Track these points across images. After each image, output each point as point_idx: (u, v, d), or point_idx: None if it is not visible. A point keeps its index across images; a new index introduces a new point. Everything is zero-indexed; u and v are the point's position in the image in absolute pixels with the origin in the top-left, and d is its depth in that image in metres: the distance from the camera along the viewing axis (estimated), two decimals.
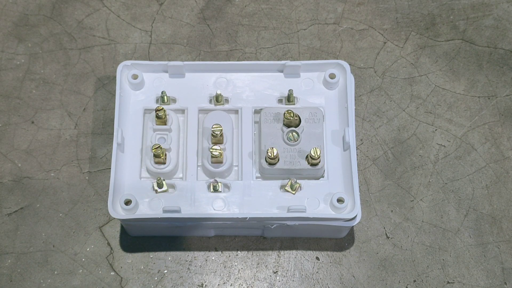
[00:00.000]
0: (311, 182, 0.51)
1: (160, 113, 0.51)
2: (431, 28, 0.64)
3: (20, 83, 0.61)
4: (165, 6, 0.65)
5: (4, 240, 0.55)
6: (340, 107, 0.53)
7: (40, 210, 0.56)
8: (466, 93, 0.61)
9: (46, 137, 0.59)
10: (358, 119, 0.60)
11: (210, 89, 0.54)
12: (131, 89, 0.54)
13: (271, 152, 0.50)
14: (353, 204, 0.50)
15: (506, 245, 0.55)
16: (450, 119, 0.60)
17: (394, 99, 0.61)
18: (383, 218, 0.56)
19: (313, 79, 0.55)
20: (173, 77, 0.55)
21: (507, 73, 0.62)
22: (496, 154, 0.59)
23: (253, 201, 0.51)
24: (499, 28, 0.64)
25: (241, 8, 0.65)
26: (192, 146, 0.53)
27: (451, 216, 0.56)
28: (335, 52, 0.63)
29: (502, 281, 0.54)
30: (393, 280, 0.54)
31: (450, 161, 0.58)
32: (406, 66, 0.62)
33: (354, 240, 0.56)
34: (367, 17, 0.64)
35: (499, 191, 0.57)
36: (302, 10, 0.65)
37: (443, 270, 0.55)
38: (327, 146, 0.52)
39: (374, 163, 0.58)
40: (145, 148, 0.52)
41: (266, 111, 0.52)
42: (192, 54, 0.63)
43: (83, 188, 0.57)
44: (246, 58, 0.62)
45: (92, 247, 0.55)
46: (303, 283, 0.54)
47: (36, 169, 0.58)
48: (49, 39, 0.62)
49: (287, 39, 0.63)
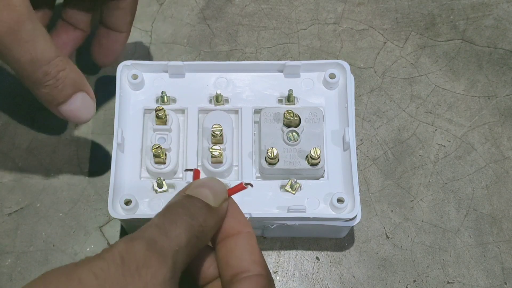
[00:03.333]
0: (311, 182, 0.51)
1: (160, 113, 0.51)
2: (431, 28, 0.64)
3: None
4: (165, 6, 0.65)
5: (4, 240, 0.55)
6: (340, 107, 0.53)
7: (40, 209, 0.56)
8: (466, 93, 0.61)
9: (46, 137, 0.59)
10: (358, 119, 0.60)
11: (210, 89, 0.54)
12: (131, 89, 0.54)
13: (271, 152, 0.50)
14: (353, 204, 0.50)
15: (506, 245, 0.55)
16: (450, 119, 0.60)
17: (394, 99, 0.61)
18: (383, 218, 0.56)
19: (313, 79, 0.55)
20: (173, 77, 0.55)
21: (507, 73, 0.62)
22: (496, 154, 0.59)
23: (253, 201, 0.51)
24: (499, 28, 0.64)
25: (241, 8, 0.65)
26: (192, 146, 0.53)
27: (451, 216, 0.56)
28: (335, 52, 0.63)
29: (502, 281, 0.54)
30: (393, 280, 0.54)
31: (450, 161, 0.58)
32: (406, 66, 0.62)
33: (354, 240, 0.56)
34: (367, 17, 0.64)
35: (499, 191, 0.57)
36: (302, 10, 0.65)
37: (443, 270, 0.55)
38: (327, 146, 0.52)
39: (374, 163, 0.58)
40: (145, 148, 0.52)
41: (266, 111, 0.52)
42: (192, 54, 0.63)
43: (83, 188, 0.57)
44: (246, 58, 0.62)
45: (92, 246, 0.55)
46: (303, 283, 0.54)
47: (37, 168, 0.58)
48: None
49: (287, 39, 0.63)
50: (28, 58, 0.43)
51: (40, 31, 0.43)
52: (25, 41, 0.42)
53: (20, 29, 0.41)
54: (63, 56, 0.45)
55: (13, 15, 0.41)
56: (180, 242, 0.35)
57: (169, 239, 0.35)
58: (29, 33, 0.42)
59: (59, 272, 0.33)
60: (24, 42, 0.42)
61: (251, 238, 0.39)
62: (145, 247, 0.34)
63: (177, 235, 0.36)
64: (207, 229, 0.37)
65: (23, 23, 0.42)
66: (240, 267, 0.38)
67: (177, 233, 0.36)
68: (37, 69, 0.43)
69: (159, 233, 0.35)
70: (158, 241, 0.35)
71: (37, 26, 0.43)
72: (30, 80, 0.44)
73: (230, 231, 0.39)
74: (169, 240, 0.35)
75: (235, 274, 0.38)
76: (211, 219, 0.38)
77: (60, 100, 0.46)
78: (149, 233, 0.35)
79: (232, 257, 0.38)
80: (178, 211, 0.37)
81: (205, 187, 0.38)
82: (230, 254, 0.38)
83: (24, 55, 0.42)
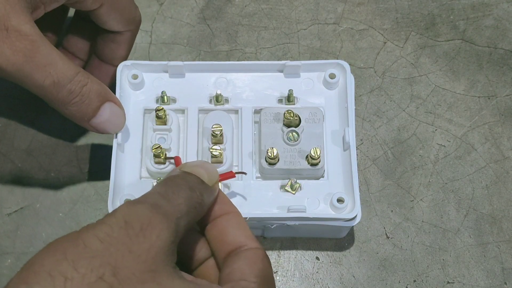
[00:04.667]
0: (311, 182, 0.51)
1: (160, 113, 0.51)
2: (431, 28, 0.64)
3: None
4: (165, 6, 0.65)
5: (4, 240, 0.55)
6: (340, 107, 0.53)
7: (40, 210, 0.56)
8: (466, 93, 0.61)
9: (46, 137, 0.59)
10: (358, 119, 0.60)
11: (210, 89, 0.54)
12: (131, 89, 0.54)
13: (271, 152, 0.50)
14: (353, 204, 0.50)
15: (506, 245, 0.55)
16: (450, 119, 0.60)
17: (394, 99, 0.61)
18: (383, 218, 0.56)
19: (313, 79, 0.55)
20: (173, 77, 0.55)
21: (507, 73, 0.62)
22: (496, 154, 0.59)
23: (253, 201, 0.51)
24: (499, 28, 0.64)
25: (241, 8, 0.65)
26: (192, 146, 0.53)
27: (451, 216, 0.56)
28: (335, 52, 0.63)
29: (502, 281, 0.54)
30: (393, 280, 0.54)
31: (450, 161, 0.58)
32: (406, 66, 0.62)
33: (354, 240, 0.56)
34: (367, 17, 0.64)
35: (499, 191, 0.57)
36: (302, 10, 0.65)
37: (443, 270, 0.55)
38: (327, 146, 0.52)
39: (374, 163, 0.58)
40: (145, 148, 0.52)
41: (266, 111, 0.52)
42: (192, 54, 0.63)
43: (83, 188, 0.57)
44: (246, 58, 0.62)
45: None
46: (303, 283, 0.54)
47: (36, 169, 0.58)
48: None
49: (287, 39, 0.63)
50: (50, 81, 0.43)
51: (56, 53, 0.44)
52: (43, 65, 0.43)
53: (36, 55, 0.42)
54: (82, 71, 0.45)
55: (26, 44, 0.42)
56: (182, 210, 0.37)
57: (172, 206, 0.36)
58: (45, 57, 0.43)
59: (64, 240, 0.33)
60: (43, 67, 0.43)
61: (240, 216, 0.41)
62: (148, 209, 0.35)
63: (179, 203, 0.37)
64: (203, 203, 0.39)
65: (38, 49, 0.42)
66: (237, 243, 0.39)
67: (179, 201, 0.37)
68: (61, 89, 0.44)
69: (162, 199, 0.36)
70: (162, 206, 0.36)
71: (51, 48, 0.43)
72: (56, 101, 0.45)
73: (219, 212, 0.41)
74: (172, 206, 0.36)
75: (232, 250, 0.39)
76: (207, 195, 0.39)
77: (90, 114, 0.46)
78: (152, 198, 0.36)
79: (227, 234, 0.40)
80: (179, 182, 0.38)
81: (200, 167, 0.40)
82: (223, 231, 0.40)
83: (46, 79, 0.43)
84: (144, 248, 0.33)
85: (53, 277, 0.31)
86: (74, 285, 0.31)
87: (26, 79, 0.43)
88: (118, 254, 0.33)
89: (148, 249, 0.34)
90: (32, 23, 0.43)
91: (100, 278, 0.31)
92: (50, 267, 0.31)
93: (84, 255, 0.32)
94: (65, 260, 0.32)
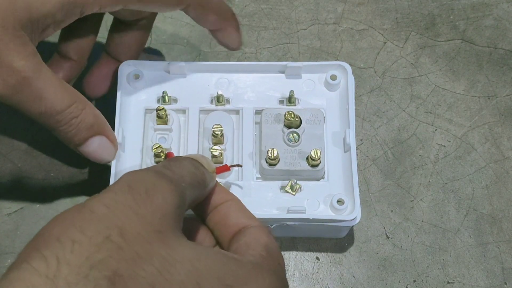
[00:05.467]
0: (311, 183, 0.51)
1: (161, 113, 0.51)
2: (431, 28, 0.64)
3: None
4: None
5: (4, 240, 0.55)
6: (341, 109, 0.53)
7: (40, 210, 0.56)
8: (466, 93, 0.61)
9: (46, 138, 0.59)
10: (358, 119, 0.60)
11: (211, 90, 0.54)
12: (132, 88, 0.54)
13: (272, 153, 0.50)
14: (353, 205, 0.50)
15: (506, 245, 0.55)
16: (450, 119, 0.60)
17: (394, 99, 0.61)
18: (383, 218, 0.56)
19: (314, 81, 0.55)
20: (175, 77, 0.55)
21: (507, 73, 0.62)
22: (496, 154, 0.59)
23: (253, 201, 0.51)
24: (499, 28, 0.64)
25: (241, 8, 0.65)
26: (193, 146, 0.53)
27: (451, 216, 0.56)
28: (335, 52, 0.63)
29: (502, 281, 0.54)
30: (393, 280, 0.54)
31: (450, 161, 0.58)
32: (406, 66, 0.62)
33: (354, 240, 0.56)
34: (367, 17, 0.64)
35: (499, 191, 0.57)
36: (302, 10, 0.65)
37: (443, 270, 0.55)
38: (327, 147, 0.52)
39: (374, 163, 0.58)
40: (146, 148, 0.52)
41: (267, 112, 0.52)
42: (192, 54, 0.63)
43: (83, 188, 0.57)
44: (246, 58, 0.62)
45: None
46: (303, 283, 0.54)
47: (36, 169, 0.58)
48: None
49: (287, 39, 0.63)
50: (37, 112, 0.43)
51: (50, 85, 0.43)
52: (32, 99, 0.43)
53: (25, 89, 0.42)
54: (80, 101, 0.45)
55: (17, 79, 0.42)
56: (186, 181, 0.37)
57: (176, 174, 0.37)
58: (36, 90, 0.42)
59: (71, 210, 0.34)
60: (32, 100, 0.43)
61: (240, 202, 0.42)
62: (152, 174, 0.36)
63: (183, 175, 0.38)
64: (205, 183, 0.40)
65: (29, 84, 0.42)
66: (240, 224, 0.40)
67: (183, 173, 0.38)
68: (48, 119, 0.44)
69: (166, 169, 0.37)
70: (166, 173, 0.36)
71: (45, 81, 0.43)
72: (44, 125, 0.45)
73: (219, 201, 0.41)
74: (176, 175, 0.37)
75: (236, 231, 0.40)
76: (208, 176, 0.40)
77: (76, 142, 0.46)
78: (155, 167, 0.37)
79: (229, 217, 0.40)
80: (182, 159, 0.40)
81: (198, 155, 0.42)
82: (225, 216, 0.41)
83: (33, 110, 0.43)
84: (150, 210, 0.34)
85: (61, 242, 0.31)
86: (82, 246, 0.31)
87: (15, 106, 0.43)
88: (124, 216, 0.33)
89: (154, 211, 0.34)
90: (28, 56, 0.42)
91: (107, 238, 0.32)
92: (58, 233, 0.32)
93: (90, 220, 0.33)
94: (73, 226, 0.32)
